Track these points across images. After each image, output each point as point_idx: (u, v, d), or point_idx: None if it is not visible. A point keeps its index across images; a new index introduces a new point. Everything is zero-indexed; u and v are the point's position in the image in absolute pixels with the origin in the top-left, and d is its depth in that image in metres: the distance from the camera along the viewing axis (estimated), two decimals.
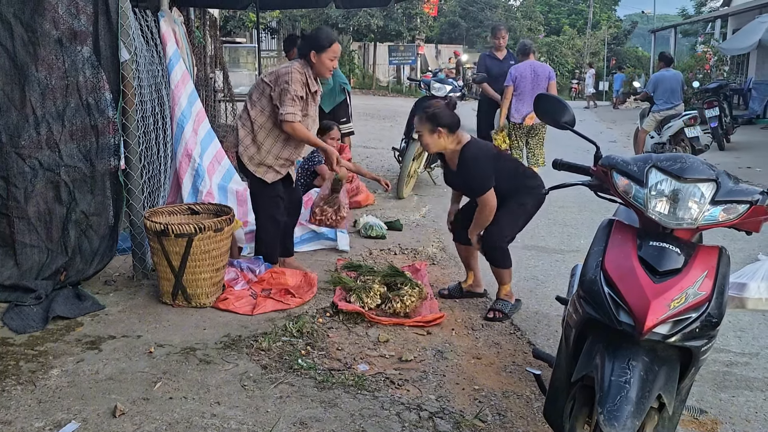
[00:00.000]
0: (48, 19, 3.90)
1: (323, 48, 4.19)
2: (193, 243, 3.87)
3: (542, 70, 7.46)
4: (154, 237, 3.91)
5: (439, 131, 3.97)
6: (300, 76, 4.15)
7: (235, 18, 22.34)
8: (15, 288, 3.93)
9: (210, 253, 3.94)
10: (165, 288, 3.99)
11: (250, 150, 4.25)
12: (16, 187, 3.98)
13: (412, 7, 28.34)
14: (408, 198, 7.46)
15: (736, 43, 16.73)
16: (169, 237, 3.85)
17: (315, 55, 4.19)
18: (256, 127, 4.23)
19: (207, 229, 3.90)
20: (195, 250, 3.88)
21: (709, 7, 35.18)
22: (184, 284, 3.92)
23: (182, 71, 5.19)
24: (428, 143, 4.03)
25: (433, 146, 4.04)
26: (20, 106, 3.93)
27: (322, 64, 4.23)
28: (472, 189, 4.03)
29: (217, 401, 2.92)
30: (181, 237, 3.85)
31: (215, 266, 4.00)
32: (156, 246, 3.94)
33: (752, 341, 3.81)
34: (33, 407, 2.82)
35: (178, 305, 3.97)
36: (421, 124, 4.02)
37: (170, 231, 3.84)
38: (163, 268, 3.94)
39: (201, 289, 3.97)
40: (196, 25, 8.81)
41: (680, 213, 2.08)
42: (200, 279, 3.95)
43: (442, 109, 4.01)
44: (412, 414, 2.89)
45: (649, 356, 2.00)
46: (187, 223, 3.92)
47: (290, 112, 4.10)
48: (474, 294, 4.45)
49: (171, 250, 3.89)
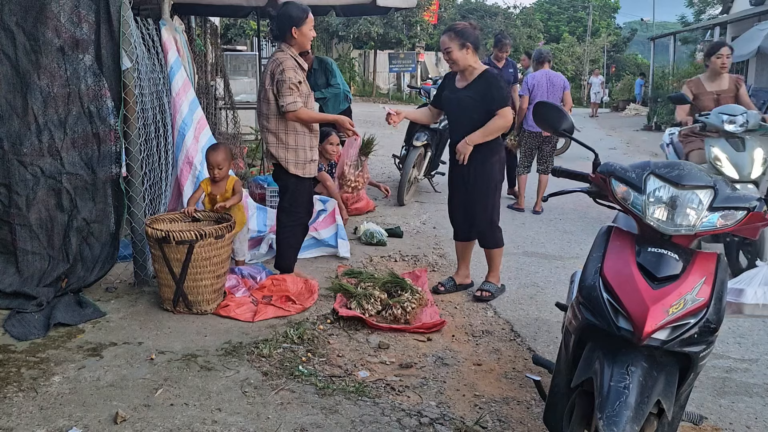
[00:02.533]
0: (50, 28, 3.93)
1: (302, 20, 4.20)
2: (194, 250, 3.88)
3: (557, 80, 7.55)
4: (155, 244, 3.92)
5: (468, 47, 4.20)
6: (290, 62, 4.17)
7: (236, 26, 22.44)
8: (16, 295, 3.95)
9: (211, 259, 3.95)
10: (166, 295, 4.00)
11: (291, 156, 4.28)
12: (18, 195, 4.00)
13: (412, 14, 28.41)
14: (408, 205, 7.48)
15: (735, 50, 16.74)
16: (170, 244, 3.86)
17: (296, 30, 4.20)
18: (282, 134, 4.26)
19: (208, 236, 3.91)
20: (196, 257, 3.89)
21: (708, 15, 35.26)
22: (185, 291, 3.93)
23: (183, 79, 5.21)
24: (457, 59, 4.22)
25: (462, 62, 4.25)
26: (22, 114, 3.96)
27: (304, 36, 4.25)
28: (494, 99, 4.21)
29: (218, 408, 2.92)
30: (182, 244, 3.86)
31: (216, 273, 4.01)
32: (157, 253, 3.95)
33: (752, 347, 3.82)
34: (35, 414, 2.83)
35: (179, 312, 3.98)
36: (450, 40, 4.21)
37: (171, 238, 3.85)
38: (164, 275, 3.95)
39: (202, 295, 3.98)
40: (197, 33, 8.85)
41: (678, 219, 2.10)
42: (201, 286, 3.96)
43: (469, 27, 4.26)
44: (412, 420, 2.90)
45: (648, 362, 2.01)
46: (188, 230, 3.93)
47: (290, 102, 4.13)
48: (465, 286, 4.72)
49: (172, 257, 3.90)
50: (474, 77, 4.29)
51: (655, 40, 26.26)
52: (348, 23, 27.80)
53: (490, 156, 4.36)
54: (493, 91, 4.22)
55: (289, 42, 4.25)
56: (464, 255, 4.71)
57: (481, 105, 4.25)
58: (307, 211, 4.54)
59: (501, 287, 4.65)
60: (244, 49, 21.27)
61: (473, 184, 4.38)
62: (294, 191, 4.39)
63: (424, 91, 8.58)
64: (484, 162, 4.34)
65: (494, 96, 4.22)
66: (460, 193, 4.53)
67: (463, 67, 4.28)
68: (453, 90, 4.41)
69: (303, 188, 4.41)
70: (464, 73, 4.33)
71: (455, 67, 4.30)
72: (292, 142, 4.27)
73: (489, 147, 4.34)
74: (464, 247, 4.69)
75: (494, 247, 4.55)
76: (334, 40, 30.24)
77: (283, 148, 4.28)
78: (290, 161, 4.29)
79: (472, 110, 4.28)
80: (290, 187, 4.38)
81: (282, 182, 4.43)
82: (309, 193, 4.51)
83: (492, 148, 4.36)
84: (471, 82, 4.29)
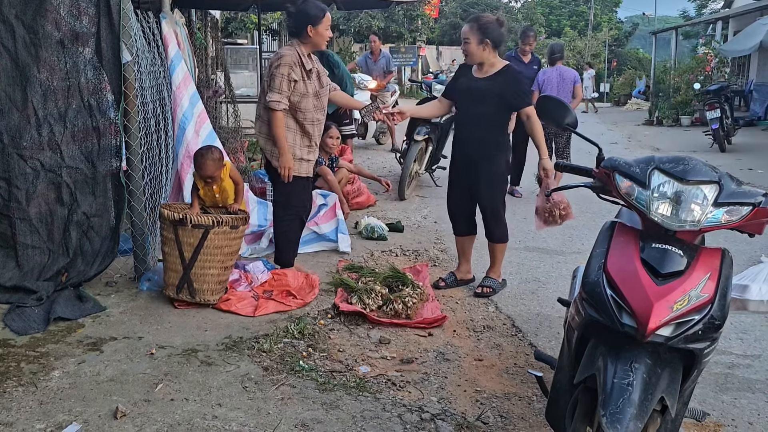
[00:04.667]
0: (50, 21, 3.90)
1: (318, 19, 4.15)
2: (209, 236, 3.88)
3: (568, 74, 7.67)
4: (170, 226, 3.89)
5: (486, 43, 4.16)
6: (290, 59, 4.11)
7: (236, 19, 22.36)
8: (16, 289, 3.94)
9: (222, 249, 3.95)
10: (171, 280, 3.97)
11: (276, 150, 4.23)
12: (18, 189, 3.99)
13: (413, 8, 28.35)
14: (409, 199, 7.46)
15: (737, 45, 16.72)
16: (186, 227, 3.85)
17: (312, 29, 4.15)
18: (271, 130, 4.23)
19: (224, 224, 3.91)
20: (209, 243, 3.89)
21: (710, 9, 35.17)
22: (191, 278, 3.91)
23: (184, 72, 5.19)
24: (473, 52, 4.20)
25: (477, 57, 4.22)
26: (22, 108, 3.94)
27: (320, 36, 4.19)
28: (517, 96, 4.19)
29: (219, 403, 2.91)
30: (197, 228, 3.86)
31: (224, 264, 4.01)
32: (169, 236, 3.92)
33: (754, 343, 3.80)
34: (34, 409, 2.82)
35: (181, 299, 3.95)
36: (471, 31, 4.19)
37: (188, 220, 3.84)
38: (173, 259, 3.93)
39: (207, 285, 3.96)
40: (197, 26, 8.81)
41: (683, 215, 2.08)
42: (208, 274, 3.94)
43: (493, 24, 4.20)
44: (413, 416, 2.89)
45: (652, 358, 1.99)
46: (205, 215, 3.95)
47: (275, 99, 4.08)
48: (466, 281, 4.68)
49: (185, 241, 3.88)
50: (495, 70, 4.25)
51: (657, 34, 26.18)
52: (349, 17, 27.72)
53: (498, 152, 4.34)
54: (518, 89, 4.20)
55: (304, 40, 4.20)
56: (465, 250, 4.69)
57: (497, 99, 4.21)
58: (303, 205, 4.48)
59: (502, 282, 4.64)
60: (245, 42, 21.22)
61: (482, 180, 4.35)
62: (283, 186, 4.33)
63: (425, 85, 8.56)
64: (492, 158, 4.32)
65: (519, 94, 4.20)
66: (461, 189, 4.51)
67: (477, 61, 4.26)
68: (470, 78, 4.35)
69: (293, 185, 4.32)
70: (482, 66, 4.30)
71: (469, 59, 4.28)
72: None
73: (497, 143, 4.33)
74: (465, 242, 4.67)
75: (498, 242, 4.52)
76: (335, 33, 30.16)
77: (270, 141, 4.24)
78: (274, 155, 4.24)
79: (486, 102, 4.24)
80: (279, 180, 4.32)
81: (272, 175, 4.40)
82: (304, 188, 4.45)
83: (500, 144, 4.36)
84: (491, 75, 4.25)
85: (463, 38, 4.26)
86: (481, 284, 4.55)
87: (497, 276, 4.61)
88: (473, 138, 4.34)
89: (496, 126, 4.32)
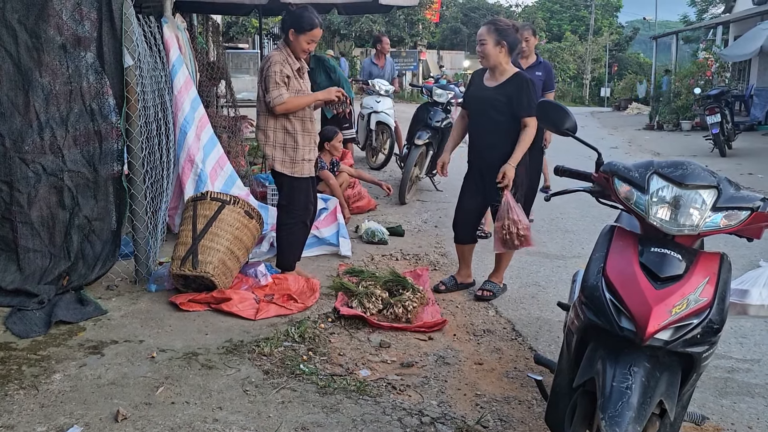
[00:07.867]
0: (52, 25, 3.92)
1: (303, 30, 4.19)
2: (224, 210, 4.19)
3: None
4: (191, 203, 4.30)
5: (503, 46, 4.17)
6: (278, 58, 4.18)
7: (237, 24, 22.41)
8: (18, 293, 3.95)
9: (233, 230, 4.15)
10: (178, 253, 4.12)
11: (278, 154, 4.28)
12: (20, 192, 4.00)
13: (414, 13, 28.42)
14: (410, 203, 7.47)
15: (738, 49, 16.74)
16: (205, 200, 4.22)
17: (293, 34, 4.20)
18: (270, 132, 4.27)
19: (241, 205, 4.26)
20: (222, 217, 4.14)
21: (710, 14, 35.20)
22: (198, 248, 4.05)
23: (185, 77, 5.21)
24: (489, 53, 4.20)
25: (492, 58, 4.22)
26: (24, 112, 3.95)
27: (299, 45, 4.23)
28: (522, 106, 4.18)
29: (219, 406, 2.92)
30: (216, 201, 4.23)
31: (231, 248, 4.17)
32: (188, 213, 4.25)
33: (754, 347, 3.81)
34: (35, 412, 2.82)
35: (184, 269, 4.03)
36: (488, 33, 4.20)
37: (208, 195, 4.16)
38: (186, 233, 4.16)
39: (211, 258, 4.08)
40: (198, 30, 8.83)
41: (681, 219, 2.09)
42: (214, 249, 4.10)
43: (510, 28, 4.22)
44: (413, 419, 2.89)
45: (651, 362, 2.00)
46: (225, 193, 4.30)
47: (275, 96, 4.13)
48: (466, 285, 4.70)
49: (201, 213, 4.19)
50: (505, 78, 4.25)
51: (658, 39, 26.23)
52: (350, 21, 27.79)
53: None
54: (523, 97, 4.18)
55: (287, 41, 4.26)
56: (465, 256, 4.69)
57: (506, 108, 4.21)
58: (305, 209, 4.50)
59: (503, 287, 4.65)
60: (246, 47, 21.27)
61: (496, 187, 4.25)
62: (289, 189, 4.39)
63: (425, 90, 8.55)
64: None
65: (523, 102, 4.18)
66: (474, 198, 4.48)
67: (492, 63, 4.25)
68: (481, 87, 4.37)
69: (298, 186, 4.38)
70: (494, 72, 4.30)
71: (484, 61, 4.28)
72: (280, 140, 4.27)
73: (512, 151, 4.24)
74: (465, 249, 4.67)
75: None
76: (336, 38, 30.22)
77: (270, 145, 4.29)
78: (276, 159, 4.29)
79: (497, 111, 4.23)
80: (284, 185, 4.39)
81: (277, 180, 4.44)
82: (306, 192, 4.47)
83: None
84: (501, 83, 4.25)
85: (479, 39, 4.26)
86: (482, 287, 4.56)
87: (499, 280, 4.62)
88: (485, 145, 4.34)
89: (509, 133, 4.26)
